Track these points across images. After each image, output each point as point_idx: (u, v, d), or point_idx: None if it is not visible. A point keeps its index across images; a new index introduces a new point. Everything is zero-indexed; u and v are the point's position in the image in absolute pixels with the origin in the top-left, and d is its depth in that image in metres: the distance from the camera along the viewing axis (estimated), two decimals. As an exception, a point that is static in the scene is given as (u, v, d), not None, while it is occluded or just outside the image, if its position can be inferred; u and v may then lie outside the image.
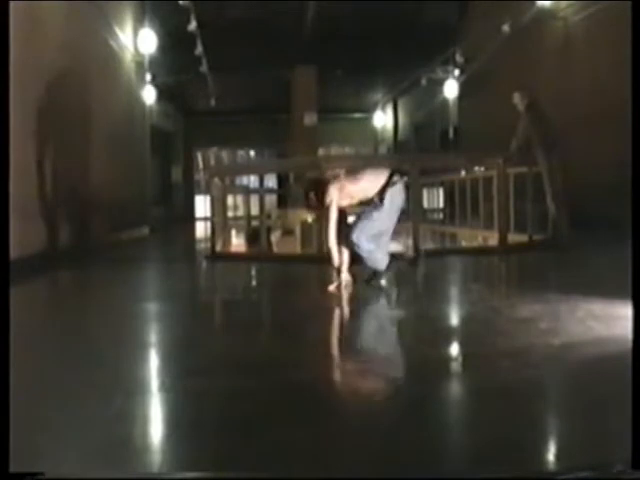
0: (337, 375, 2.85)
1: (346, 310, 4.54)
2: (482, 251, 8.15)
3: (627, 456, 1.64)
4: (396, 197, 4.93)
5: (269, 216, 10.51)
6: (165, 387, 2.62)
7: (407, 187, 5.23)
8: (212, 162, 24.27)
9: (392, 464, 1.78)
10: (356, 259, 4.95)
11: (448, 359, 3.03)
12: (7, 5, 3.11)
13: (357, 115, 24.18)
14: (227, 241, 8.71)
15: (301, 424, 2.09)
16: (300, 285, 6.15)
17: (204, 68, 15.09)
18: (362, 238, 4.85)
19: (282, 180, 19.66)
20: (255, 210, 9.40)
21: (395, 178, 4.91)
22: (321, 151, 17.65)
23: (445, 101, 16.64)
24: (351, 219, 5.12)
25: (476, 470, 1.74)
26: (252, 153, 25.73)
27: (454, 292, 5.32)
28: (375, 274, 4.95)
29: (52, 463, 1.82)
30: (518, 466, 1.74)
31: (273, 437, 1.97)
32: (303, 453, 1.87)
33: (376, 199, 4.88)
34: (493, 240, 8.11)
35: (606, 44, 9.23)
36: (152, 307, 4.76)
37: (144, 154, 14.37)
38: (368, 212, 4.92)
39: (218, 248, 8.26)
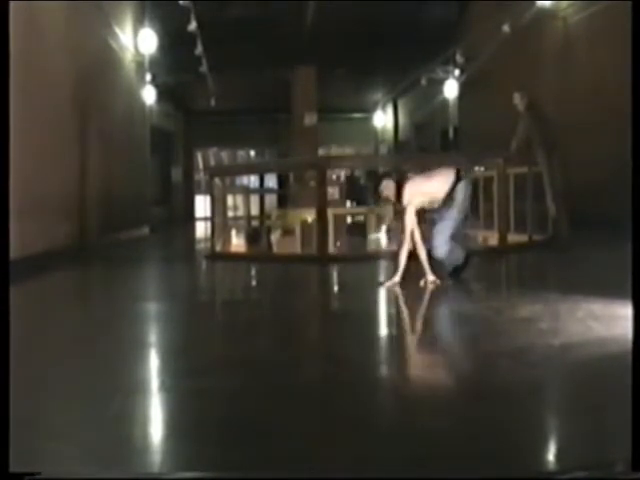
0: (336, 377, 2.85)
1: (343, 308, 4.54)
2: (482, 251, 8.14)
3: (627, 456, 1.64)
4: (462, 192, 5.15)
5: (269, 216, 10.51)
6: (165, 386, 2.62)
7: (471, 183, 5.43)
8: (212, 162, 24.26)
9: (392, 464, 1.78)
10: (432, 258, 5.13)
11: (449, 358, 3.02)
12: (7, 5, 3.11)
13: (357, 115, 24.16)
14: (227, 241, 8.71)
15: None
16: (300, 286, 6.15)
17: (204, 68, 15.08)
18: (442, 242, 5.06)
19: (282, 180, 19.65)
20: (255, 210, 9.41)
21: (462, 174, 5.17)
22: (321, 151, 17.64)
23: (445, 101, 16.63)
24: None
25: (476, 470, 1.74)
26: (252, 153, 25.72)
27: (454, 292, 5.31)
28: (455, 269, 5.15)
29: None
30: (518, 466, 1.74)
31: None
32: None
33: (447, 199, 5.09)
34: (493, 240, 8.11)
35: (606, 44, 9.23)
36: (152, 307, 4.76)
37: (144, 154, 14.37)
38: (444, 213, 5.12)
39: (218, 248, 8.26)
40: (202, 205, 20.96)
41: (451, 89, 15.77)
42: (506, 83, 10.84)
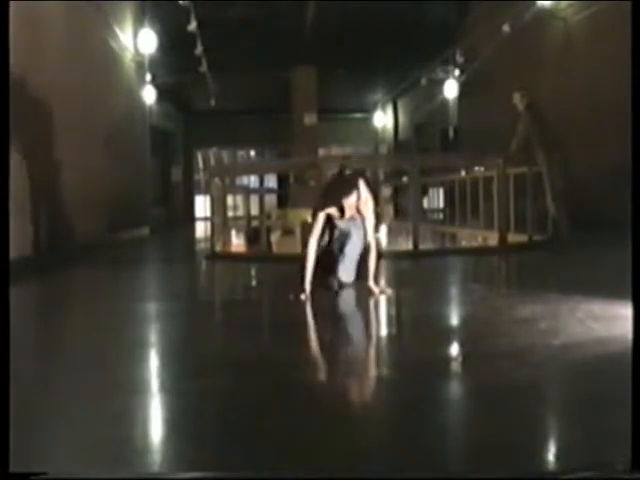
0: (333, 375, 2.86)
1: (338, 313, 4.54)
2: (482, 251, 8.15)
3: (627, 456, 1.64)
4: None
5: (269, 216, 10.51)
6: (165, 386, 2.63)
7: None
8: (212, 162, 24.28)
9: (392, 464, 1.78)
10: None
11: (449, 359, 3.02)
12: (7, 5, 3.11)
13: (357, 115, 24.18)
14: (227, 241, 8.71)
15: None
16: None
17: (204, 68, 15.09)
18: (349, 266, 4.68)
19: (282, 180, 19.67)
20: (255, 210, 9.40)
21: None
22: (321, 151, 17.66)
23: (445, 101, 16.64)
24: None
25: (476, 470, 1.74)
26: (252, 153, 25.74)
27: (454, 292, 5.32)
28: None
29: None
30: (518, 466, 1.74)
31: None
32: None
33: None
34: (493, 240, 8.11)
35: (606, 44, 9.23)
36: (153, 307, 4.77)
37: (144, 154, 14.37)
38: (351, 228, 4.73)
39: (218, 248, 8.26)
40: (202, 205, 20.99)
41: (451, 89, 15.78)
42: (506, 83, 10.85)
